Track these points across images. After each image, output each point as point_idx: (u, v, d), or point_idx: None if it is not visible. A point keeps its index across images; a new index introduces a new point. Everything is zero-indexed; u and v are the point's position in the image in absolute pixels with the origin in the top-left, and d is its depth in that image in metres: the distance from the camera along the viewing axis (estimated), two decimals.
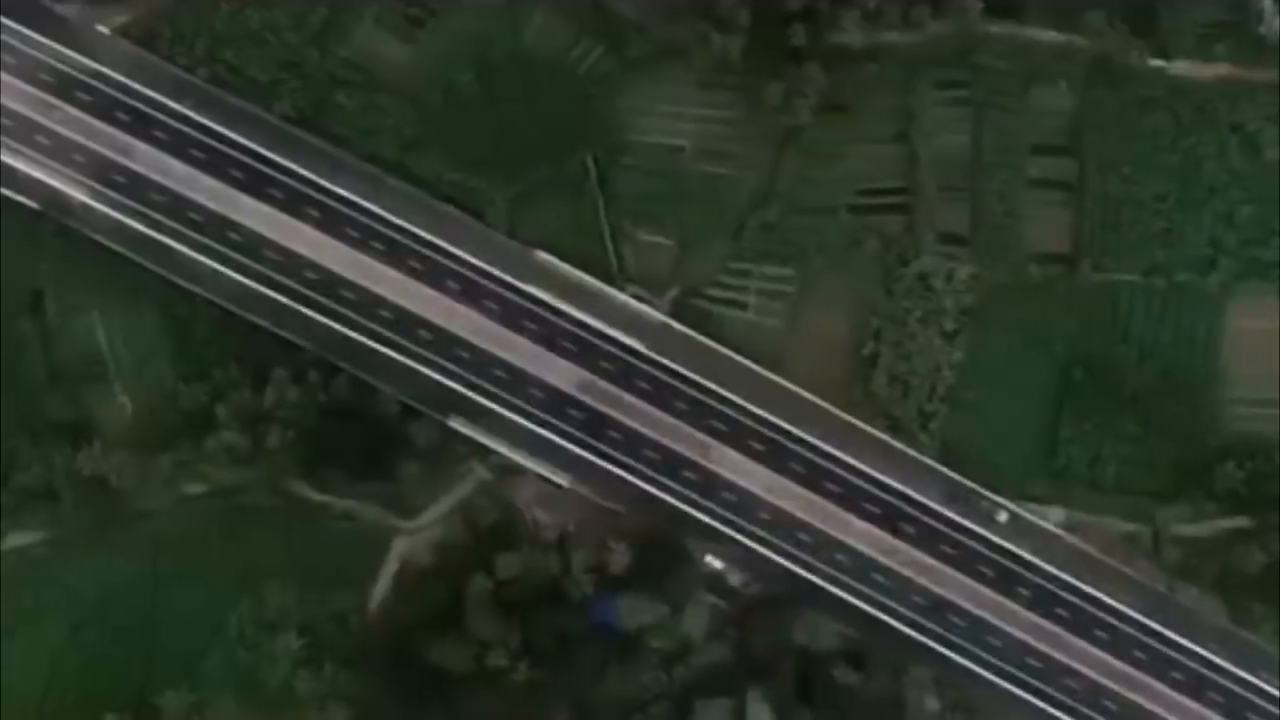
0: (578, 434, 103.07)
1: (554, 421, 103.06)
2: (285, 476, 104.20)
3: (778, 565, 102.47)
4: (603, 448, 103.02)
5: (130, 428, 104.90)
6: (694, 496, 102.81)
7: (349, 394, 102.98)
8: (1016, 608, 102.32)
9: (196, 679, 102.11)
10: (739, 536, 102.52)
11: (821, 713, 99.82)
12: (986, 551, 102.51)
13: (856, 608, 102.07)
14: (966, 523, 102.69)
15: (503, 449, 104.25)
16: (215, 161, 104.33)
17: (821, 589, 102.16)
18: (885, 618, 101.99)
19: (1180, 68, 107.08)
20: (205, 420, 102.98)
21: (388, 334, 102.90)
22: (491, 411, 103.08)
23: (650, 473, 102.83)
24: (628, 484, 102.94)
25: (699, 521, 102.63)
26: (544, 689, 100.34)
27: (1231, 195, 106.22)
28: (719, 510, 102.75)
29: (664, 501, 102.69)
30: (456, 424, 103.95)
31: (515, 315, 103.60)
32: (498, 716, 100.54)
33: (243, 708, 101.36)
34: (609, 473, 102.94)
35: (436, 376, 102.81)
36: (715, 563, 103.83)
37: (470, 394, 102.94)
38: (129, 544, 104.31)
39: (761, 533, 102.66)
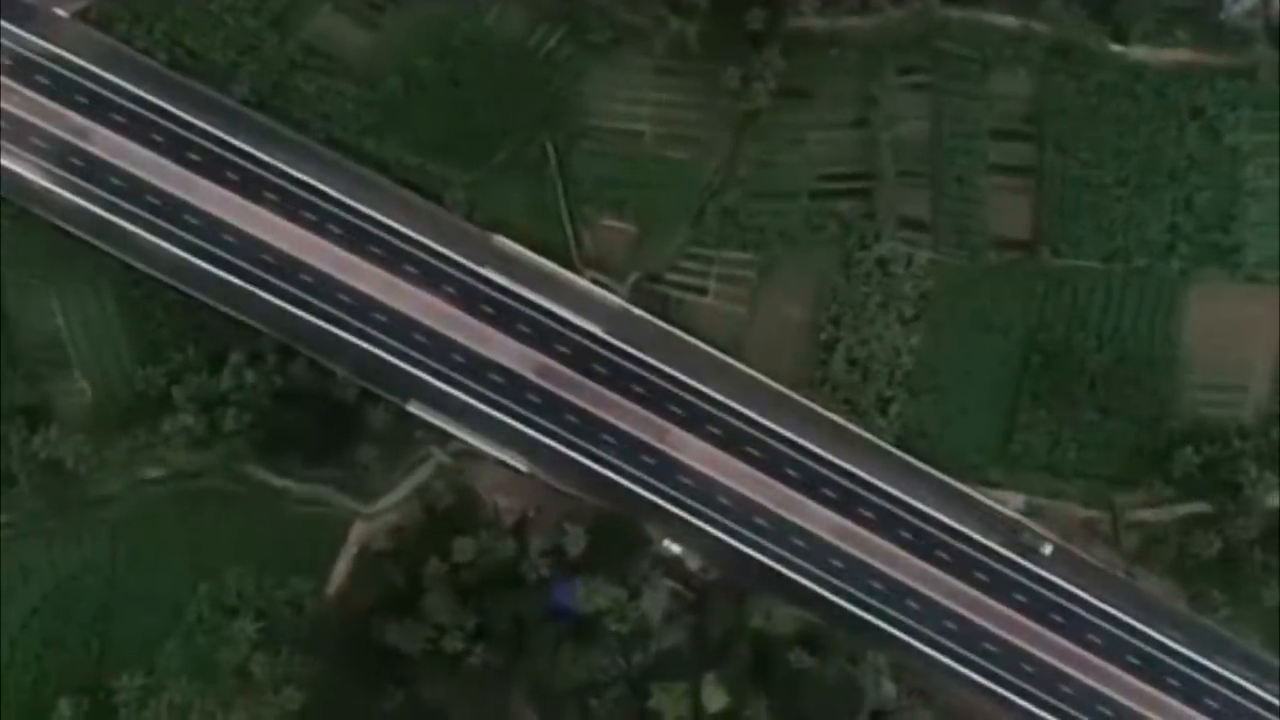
0: (536, 418, 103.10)
1: (512, 406, 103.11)
2: (243, 460, 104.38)
3: (736, 550, 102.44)
4: (561, 432, 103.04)
5: (89, 411, 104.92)
6: (652, 481, 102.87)
7: (307, 378, 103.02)
8: (973, 592, 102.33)
9: (153, 662, 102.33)
10: (697, 521, 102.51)
11: (777, 697, 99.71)
12: (943, 536, 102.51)
13: (814, 592, 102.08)
14: (924, 507, 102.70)
15: (461, 434, 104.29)
16: (174, 145, 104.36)
17: (779, 574, 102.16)
18: (843, 602, 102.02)
19: (1139, 53, 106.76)
20: (162, 404, 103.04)
21: (345, 318, 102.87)
22: (450, 396, 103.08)
23: (609, 457, 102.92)
24: (586, 468, 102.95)
25: (657, 506, 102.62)
26: (500, 672, 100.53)
27: (1191, 181, 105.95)
28: (677, 495, 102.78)
29: (622, 486, 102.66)
30: (415, 409, 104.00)
31: (474, 299, 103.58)
32: (454, 700, 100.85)
33: (198, 691, 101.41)
34: (567, 457, 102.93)
35: (394, 360, 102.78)
36: (673, 547, 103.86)
37: (428, 378, 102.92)
38: (86, 528, 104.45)
39: (719, 517, 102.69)
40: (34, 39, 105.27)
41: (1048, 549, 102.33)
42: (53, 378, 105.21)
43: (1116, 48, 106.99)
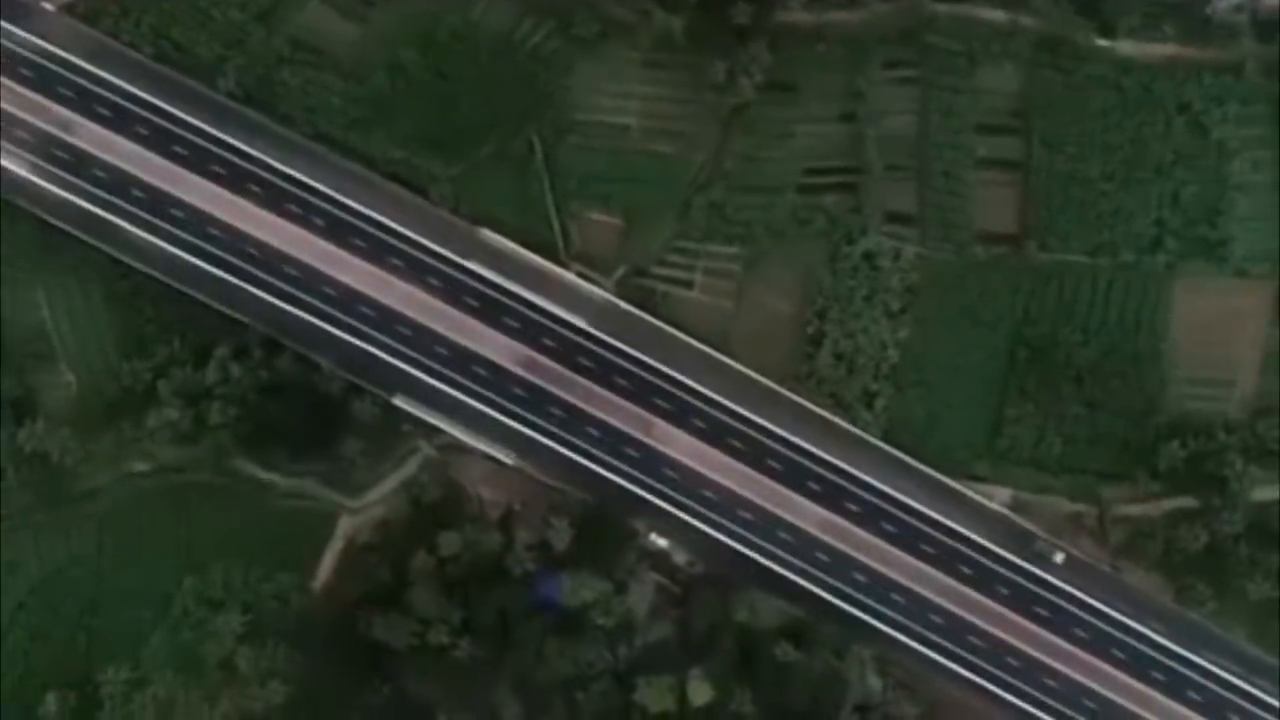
0: (522, 412, 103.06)
1: (498, 399, 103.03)
2: (229, 454, 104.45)
3: (721, 543, 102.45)
4: (547, 425, 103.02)
5: (74, 405, 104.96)
6: (638, 475, 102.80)
7: (292, 371, 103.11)
8: (958, 585, 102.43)
9: (139, 656, 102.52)
10: (683, 514, 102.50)
11: (762, 690, 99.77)
12: (929, 530, 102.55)
13: (800, 586, 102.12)
14: (910, 502, 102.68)
15: (447, 427, 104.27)
16: (159, 139, 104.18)
17: (765, 567, 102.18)
18: (829, 596, 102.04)
19: (1126, 48, 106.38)
20: (148, 398, 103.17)
21: (331, 311, 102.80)
22: (435, 389, 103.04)
23: (594, 451, 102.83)
24: (572, 462, 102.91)
25: (643, 500, 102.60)
26: (486, 666, 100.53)
27: (1177, 175, 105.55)
28: (663, 488, 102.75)
29: (608, 480, 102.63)
30: (401, 402, 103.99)
31: (459, 292, 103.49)
32: (440, 693, 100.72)
33: (183, 684, 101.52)
34: (553, 450, 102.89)
35: (380, 354, 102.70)
36: (659, 541, 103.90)
37: (414, 371, 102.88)
38: (73, 521, 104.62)
39: (705, 511, 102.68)
40: (20, 32, 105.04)
41: (1059, 557, 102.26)
42: (39, 371, 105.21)
43: (1103, 42, 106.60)
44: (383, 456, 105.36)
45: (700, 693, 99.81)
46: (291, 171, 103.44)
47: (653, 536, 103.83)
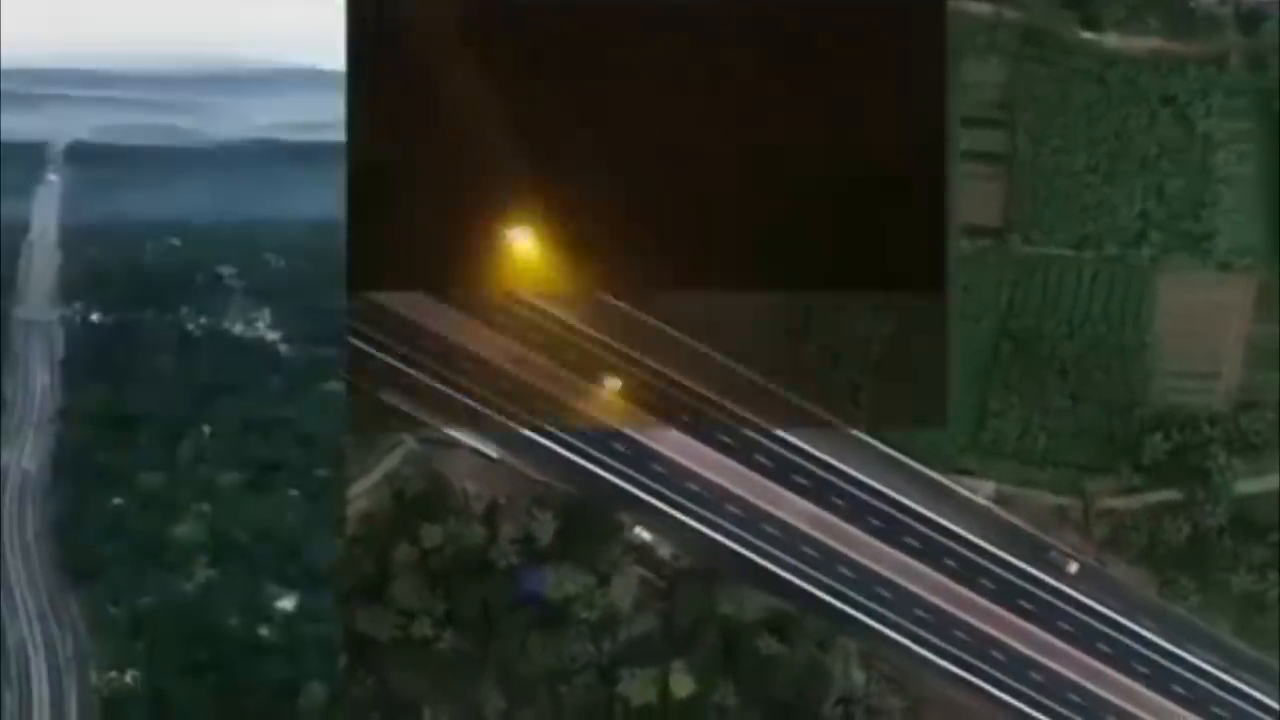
0: (509, 406, 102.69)
1: (485, 393, 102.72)
2: None
3: (706, 537, 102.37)
4: (533, 419, 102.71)
5: None
6: (625, 469, 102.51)
7: None
8: (944, 580, 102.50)
9: None
10: (668, 508, 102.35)
11: (745, 683, 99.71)
12: (914, 524, 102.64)
13: (787, 580, 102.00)
14: (896, 495, 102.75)
15: (433, 420, 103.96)
16: None
17: (750, 561, 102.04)
18: (815, 590, 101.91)
19: (1111, 40, 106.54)
20: None
21: None
22: (421, 382, 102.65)
23: (581, 445, 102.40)
24: (559, 456, 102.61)
25: (629, 494, 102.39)
26: (470, 659, 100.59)
27: (1162, 168, 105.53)
28: (649, 483, 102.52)
29: (596, 474, 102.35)
30: (386, 396, 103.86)
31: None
32: (423, 686, 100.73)
33: None
34: (539, 444, 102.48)
35: (366, 348, 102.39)
36: (644, 534, 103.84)
37: (399, 365, 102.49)
38: None
39: (690, 505, 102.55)
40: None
41: (1073, 567, 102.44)
42: None
43: (1088, 35, 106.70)
44: (368, 449, 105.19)
45: (683, 685, 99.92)
46: None
47: (637, 530, 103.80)
